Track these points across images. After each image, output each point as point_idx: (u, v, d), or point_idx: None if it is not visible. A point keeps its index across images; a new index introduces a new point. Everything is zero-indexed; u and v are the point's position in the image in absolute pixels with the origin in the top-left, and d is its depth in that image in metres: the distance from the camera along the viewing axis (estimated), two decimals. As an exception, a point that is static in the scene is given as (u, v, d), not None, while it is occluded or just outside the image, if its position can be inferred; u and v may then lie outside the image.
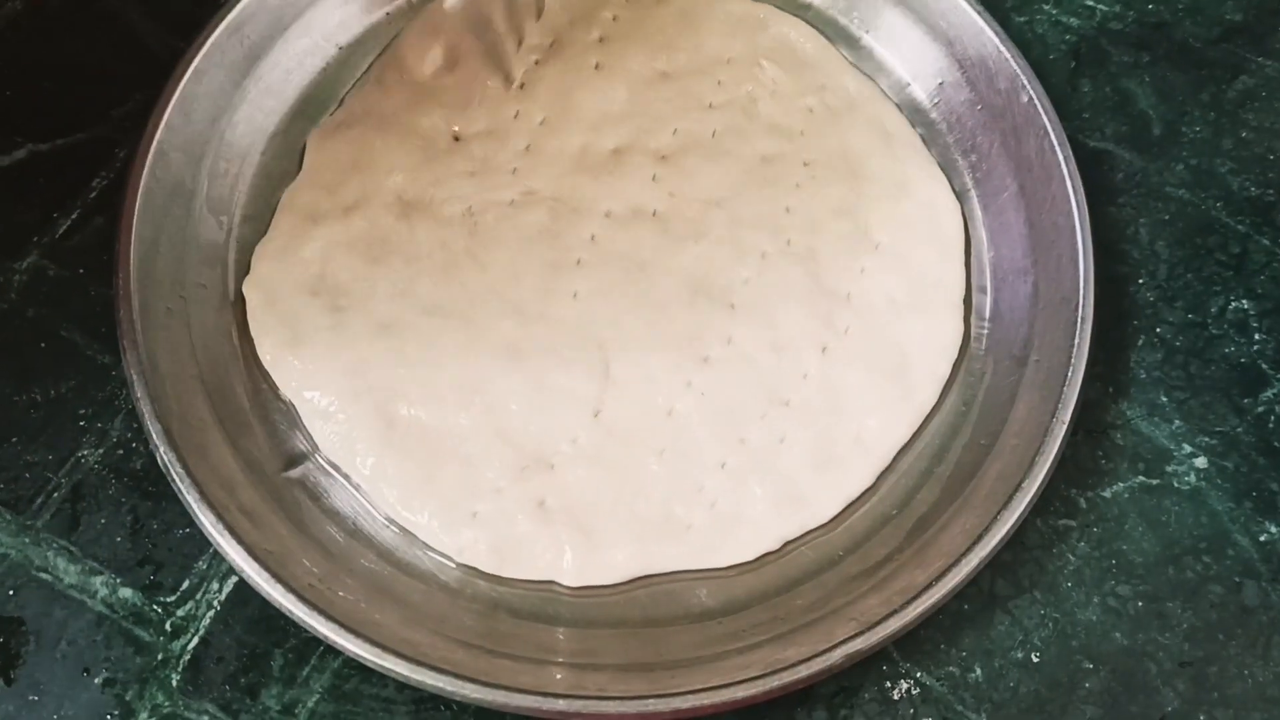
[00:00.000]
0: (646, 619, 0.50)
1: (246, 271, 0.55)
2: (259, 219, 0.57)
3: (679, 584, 0.51)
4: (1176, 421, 0.56)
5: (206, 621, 0.50)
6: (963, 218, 0.59)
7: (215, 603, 0.50)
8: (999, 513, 0.49)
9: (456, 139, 0.59)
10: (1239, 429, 0.56)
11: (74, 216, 0.57)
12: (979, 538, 0.48)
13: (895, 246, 0.58)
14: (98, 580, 0.51)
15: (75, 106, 0.60)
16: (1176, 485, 0.54)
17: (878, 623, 0.47)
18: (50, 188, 0.58)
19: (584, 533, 0.51)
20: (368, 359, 0.53)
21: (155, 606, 0.50)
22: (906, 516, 0.52)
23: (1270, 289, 0.59)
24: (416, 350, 0.54)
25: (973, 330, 0.57)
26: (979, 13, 0.59)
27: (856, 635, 0.47)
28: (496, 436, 0.52)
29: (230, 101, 0.57)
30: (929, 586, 0.48)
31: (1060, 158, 0.56)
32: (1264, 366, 0.57)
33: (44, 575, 0.51)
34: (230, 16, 0.57)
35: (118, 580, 0.51)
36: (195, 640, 0.50)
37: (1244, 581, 0.52)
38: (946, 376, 0.55)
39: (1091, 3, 0.66)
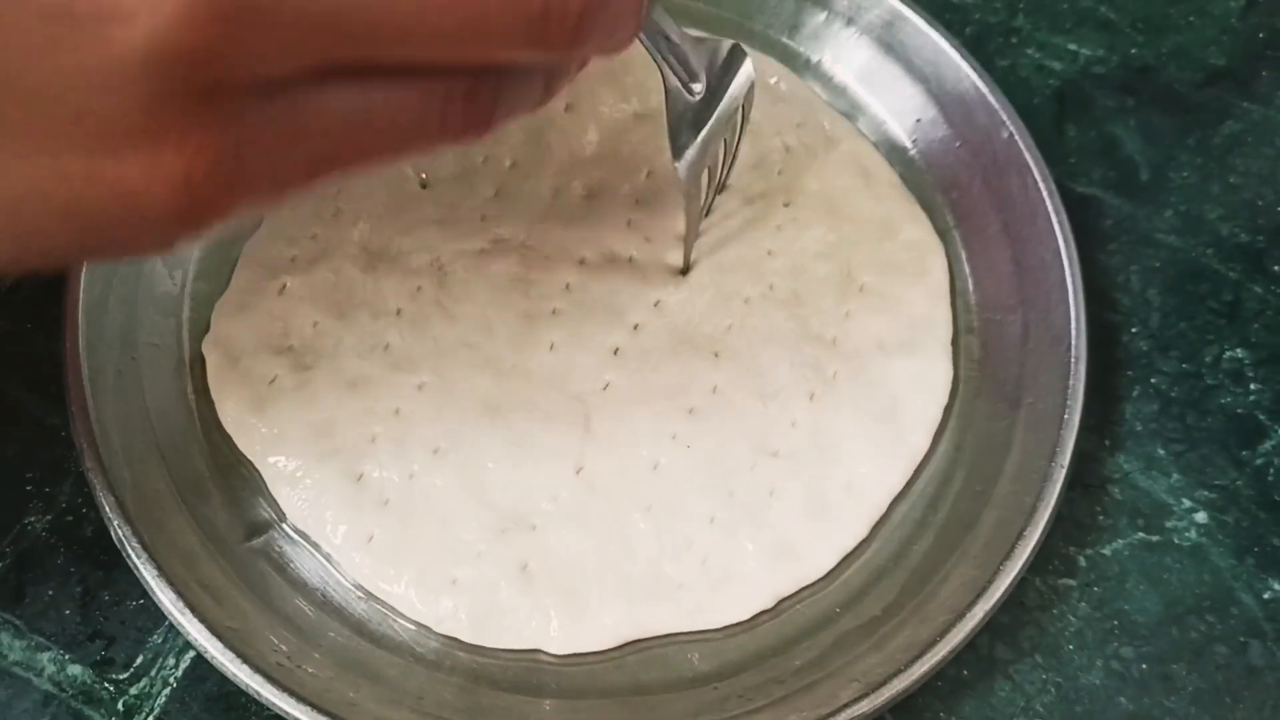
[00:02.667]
0: (637, 687, 0.48)
1: (203, 329, 0.53)
2: (215, 274, 0.55)
3: (671, 648, 0.49)
4: (1175, 475, 0.55)
5: (162, 700, 0.48)
6: (946, 257, 0.58)
7: (171, 679, 0.48)
8: (1001, 563, 0.48)
9: (424, 186, 0.57)
10: (1238, 482, 0.55)
11: (22, 266, 0.55)
12: (983, 590, 0.47)
13: (880, 288, 0.57)
14: (45, 656, 0.48)
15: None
16: (1177, 541, 0.53)
17: (882, 683, 0.45)
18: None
19: (570, 597, 0.49)
20: (336, 419, 0.51)
21: (107, 684, 0.48)
22: (903, 569, 0.51)
23: (1265, 337, 0.58)
24: (387, 409, 0.52)
25: (962, 372, 0.56)
26: (955, 48, 0.59)
27: (861, 697, 0.45)
28: (474, 497, 0.50)
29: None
30: (934, 643, 0.46)
31: (1044, 193, 0.55)
32: (1261, 417, 0.56)
33: (-14, 653, 0.48)
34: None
35: (66, 656, 0.48)
36: (150, 720, 0.48)
37: (1249, 641, 0.51)
38: (938, 420, 0.54)
39: (1074, 46, 0.66)
